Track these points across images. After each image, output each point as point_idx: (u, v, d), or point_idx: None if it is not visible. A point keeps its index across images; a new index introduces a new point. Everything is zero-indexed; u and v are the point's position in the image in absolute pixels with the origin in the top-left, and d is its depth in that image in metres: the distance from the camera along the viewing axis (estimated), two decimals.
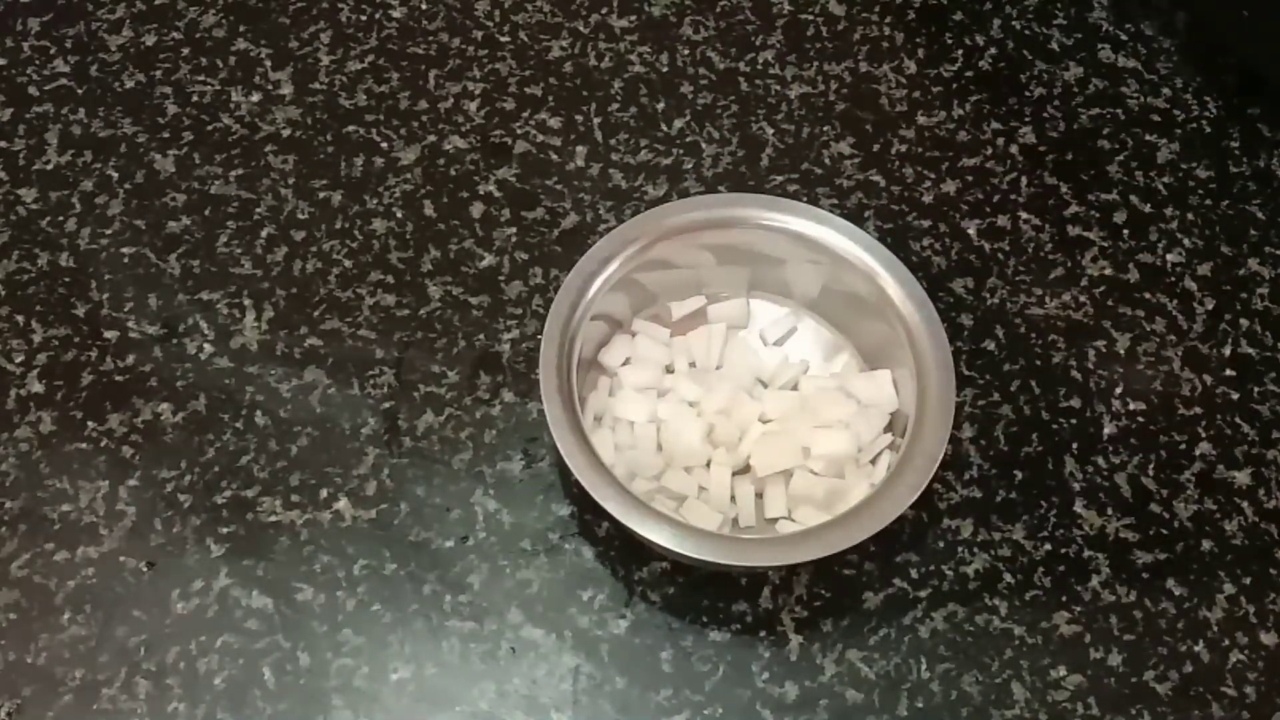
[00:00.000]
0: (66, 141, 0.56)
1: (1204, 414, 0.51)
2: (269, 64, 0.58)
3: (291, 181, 0.55)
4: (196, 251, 0.53)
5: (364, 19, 0.60)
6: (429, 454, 0.49)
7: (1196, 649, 0.47)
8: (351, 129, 0.57)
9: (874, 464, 0.47)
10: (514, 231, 0.54)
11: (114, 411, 0.50)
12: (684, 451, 0.47)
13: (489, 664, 0.46)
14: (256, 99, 0.57)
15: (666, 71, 0.59)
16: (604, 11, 0.61)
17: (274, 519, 0.48)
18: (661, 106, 0.58)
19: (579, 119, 0.57)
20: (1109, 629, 0.47)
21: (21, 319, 0.52)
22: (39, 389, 0.50)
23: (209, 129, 0.57)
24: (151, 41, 0.59)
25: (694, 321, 0.51)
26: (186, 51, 0.59)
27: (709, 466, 0.47)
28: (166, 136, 0.56)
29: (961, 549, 0.48)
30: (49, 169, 0.55)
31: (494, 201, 0.55)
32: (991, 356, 0.52)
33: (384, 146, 0.56)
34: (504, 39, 0.60)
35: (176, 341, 0.51)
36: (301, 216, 0.54)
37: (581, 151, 0.57)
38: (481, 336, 0.52)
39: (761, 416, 0.48)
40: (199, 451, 0.49)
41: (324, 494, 0.48)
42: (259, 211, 0.54)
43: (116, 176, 0.55)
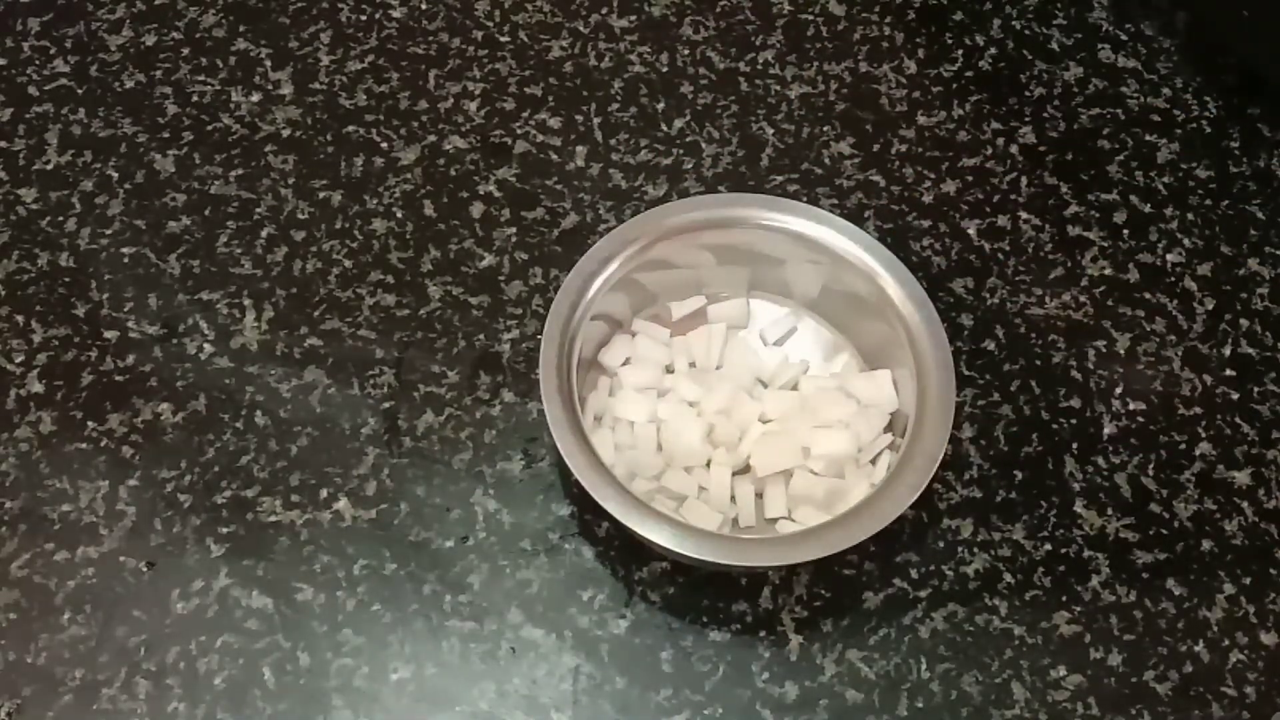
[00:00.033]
0: (66, 141, 0.56)
1: (1204, 414, 0.51)
2: (269, 64, 0.58)
3: (291, 181, 0.55)
4: (196, 251, 0.53)
5: (364, 19, 0.60)
6: (429, 454, 0.49)
7: (1196, 649, 0.47)
8: (351, 129, 0.57)
9: (874, 464, 0.47)
10: (514, 231, 0.54)
11: (114, 411, 0.50)
12: (684, 451, 0.47)
13: (489, 664, 0.46)
14: (256, 99, 0.57)
15: (666, 71, 0.59)
16: (604, 11, 0.61)
17: (274, 519, 0.48)
18: (661, 106, 0.58)
19: (579, 119, 0.57)
20: (1109, 629, 0.47)
21: (21, 319, 0.52)
22: (39, 389, 0.50)
23: (209, 129, 0.57)
24: (151, 41, 0.59)
25: (694, 321, 0.51)
26: (186, 51, 0.59)
27: (709, 466, 0.47)
28: (166, 136, 0.56)
29: (961, 549, 0.48)
30: (49, 169, 0.55)
31: (494, 201, 0.55)
32: (991, 356, 0.52)
33: (384, 146, 0.56)
34: (504, 39, 0.60)
35: (176, 341, 0.51)
36: (301, 216, 0.54)
37: (581, 151, 0.57)
38: (481, 336, 0.52)
39: (761, 416, 0.48)
40: (199, 451, 0.49)
41: (324, 494, 0.48)
42: (259, 211, 0.54)
43: (116, 176, 0.55)
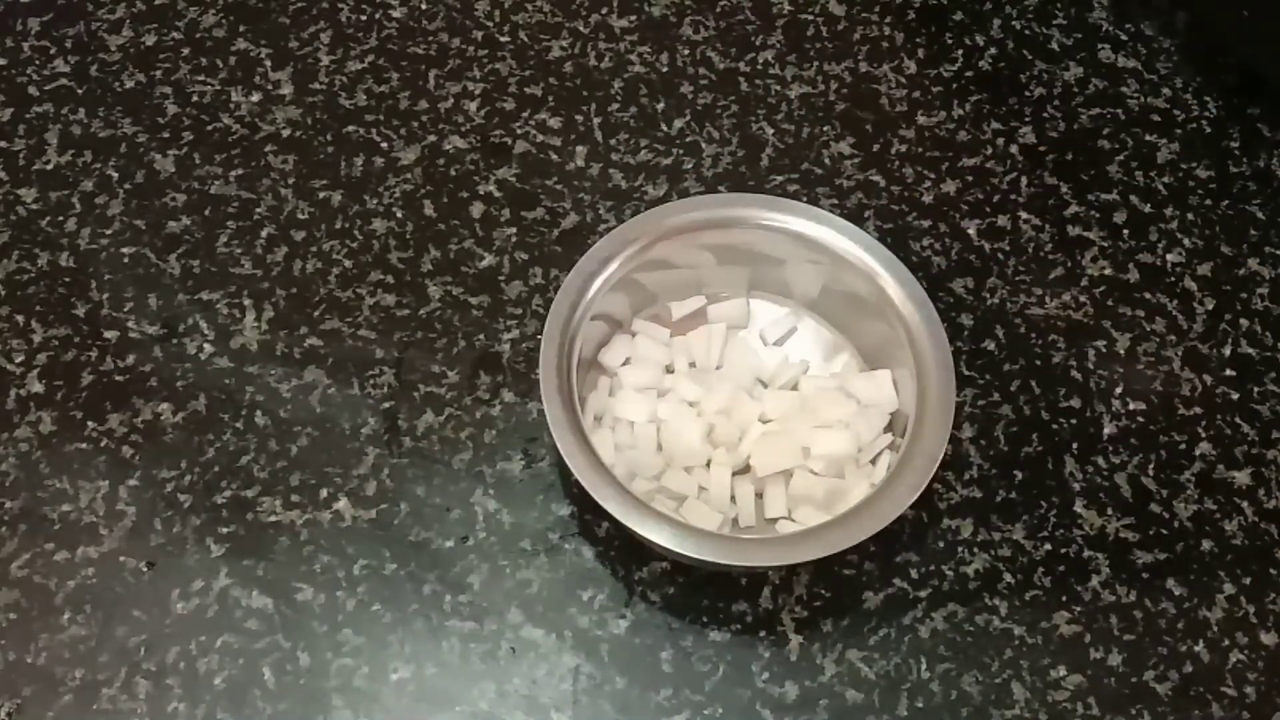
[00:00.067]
0: (66, 141, 0.56)
1: (1204, 414, 0.51)
2: (269, 64, 0.58)
3: (291, 181, 0.55)
4: (196, 251, 0.53)
5: (364, 19, 0.60)
6: (429, 454, 0.49)
7: (1196, 649, 0.47)
8: (351, 129, 0.57)
9: (874, 464, 0.47)
10: (514, 231, 0.54)
11: (114, 411, 0.50)
12: (684, 451, 0.47)
13: (489, 664, 0.46)
14: (256, 99, 0.57)
15: (666, 71, 0.59)
16: (604, 11, 0.61)
17: (274, 519, 0.48)
18: (661, 106, 0.58)
19: (579, 119, 0.57)
20: (1109, 629, 0.47)
21: (21, 319, 0.52)
22: (39, 389, 0.50)
23: (209, 129, 0.57)
24: (151, 41, 0.59)
25: (694, 321, 0.51)
26: (186, 51, 0.59)
27: (709, 466, 0.47)
28: (166, 136, 0.56)
29: (961, 549, 0.48)
30: (49, 169, 0.55)
31: (494, 201, 0.55)
32: (991, 356, 0.52)
33: (384, 146, 0.56)
34: (504, 39, 0.60)
35: (176, 341, 0.51)
36: (301, 216, 0.54)
37: (581, 151, 0.57)
38: (481, 336, 0.52)
39: (761, 416, 0.48)
40: (199, 451, 0.49)
41: (324, 494, 0.48)
42: (259, 211, 0.54)
43: (116, 176, 0.55)
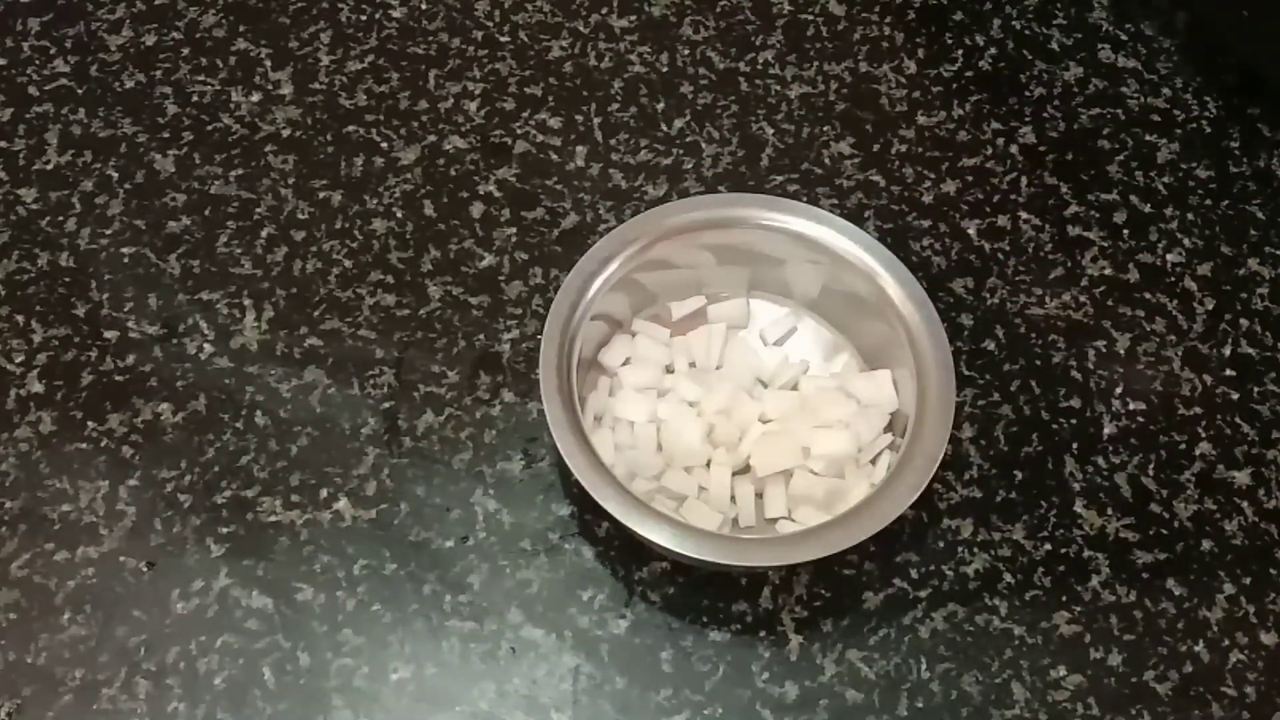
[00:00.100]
0: (66, 141, 0.56)
1: (1204, 414, 0.51)
2: (269, 64, 0.58)
3: (291, 181, 0.55)
4: (196, 251, 0.53)
5: (364, 19, 0.60)
6: (429, 454, 0.49)
7: (1196, 649, 0.47)
8: (351, 129, 0.57)
9: (874, 464, 0.47)
10: (514, 231, 0.54)
11: (114, 411, 0.50)
12: (684, 451, 0.47)
13: (489, 664, 0.46)
14: (256, 99, 0.57)
15: (666, 71, 0.59)
16: (604, 11, 0.61)
17: (274, 519, 0.48)
18: (661, 106, 0.58)
19: (579, 119, 0.57)
20: (1109, 629, 0.47)
21: (21, 319, 0.52)
22: (39, 389, 0.50)
23: (209, 129, 0.57)
24: (151, 41, 0.59)
25: (694, 321, 0.51)
26: (186, 51, 0.59)
27: (709, 466, 0.47)
28: (166, 136, 0.56)
29: (961, 549, 0.48)
30: (49, 169, 0.55)
31: (494, 201, 0.55)
32: (991, 356, 0.52)
33: (384, 146, 0.56)
34: (504, 39, 0.60)
35: (176, 341, 0.51)
36: (301, 216, 0.54)
37: (581, 151, 0.57)
38: (481, 336, 0.52)
39: (761, 416, 0.48)
40: (199, 451, 0.49)
41: (324, 494, 0.48)
42: (259, 211, 0.54)
43: (116, 176, 0.55)
